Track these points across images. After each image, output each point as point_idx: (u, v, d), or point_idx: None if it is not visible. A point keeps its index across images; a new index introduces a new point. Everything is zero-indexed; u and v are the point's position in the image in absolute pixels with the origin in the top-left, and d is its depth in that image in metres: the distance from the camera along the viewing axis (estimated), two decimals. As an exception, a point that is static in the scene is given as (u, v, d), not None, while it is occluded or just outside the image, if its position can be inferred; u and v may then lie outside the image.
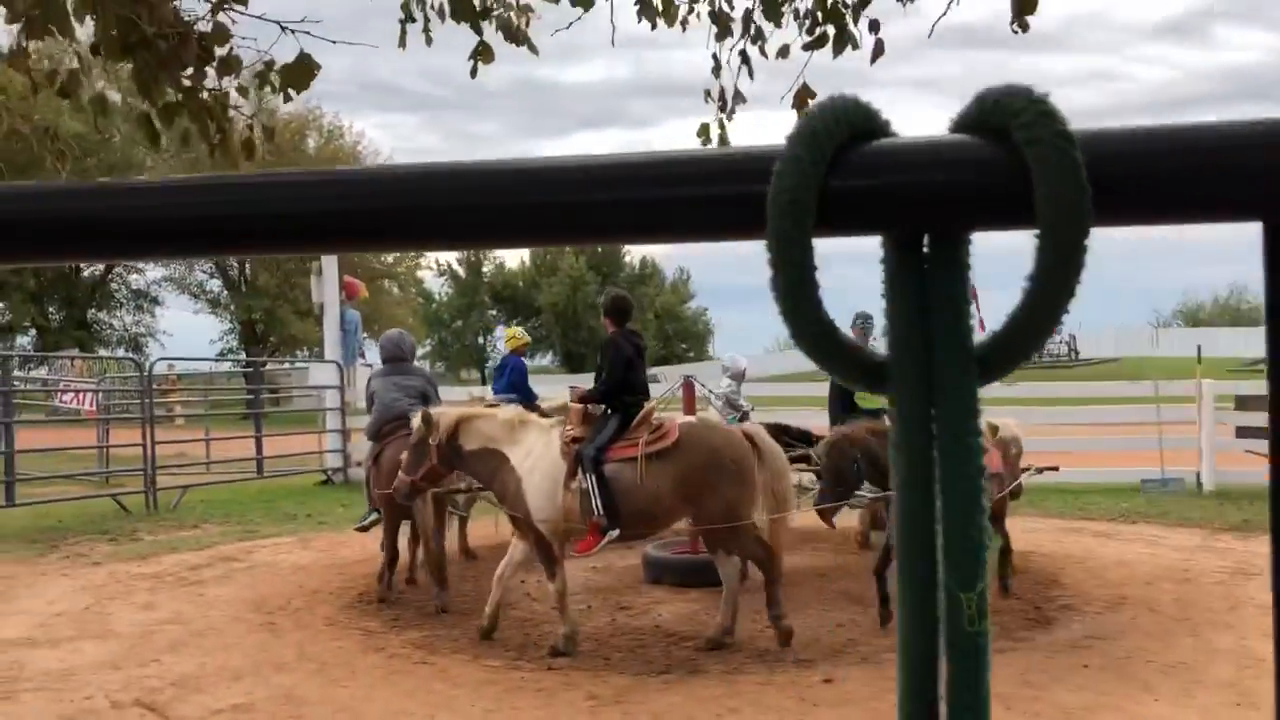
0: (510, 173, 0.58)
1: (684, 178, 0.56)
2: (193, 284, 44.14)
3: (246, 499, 13.90)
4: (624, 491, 6.38)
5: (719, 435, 6.68)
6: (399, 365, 8.66)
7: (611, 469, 6.43)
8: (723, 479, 6.38)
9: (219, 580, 8.72)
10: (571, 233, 0.60)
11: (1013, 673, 5.83)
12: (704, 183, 0.56)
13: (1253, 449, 13.05)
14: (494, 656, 6.40)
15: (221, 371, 34.87)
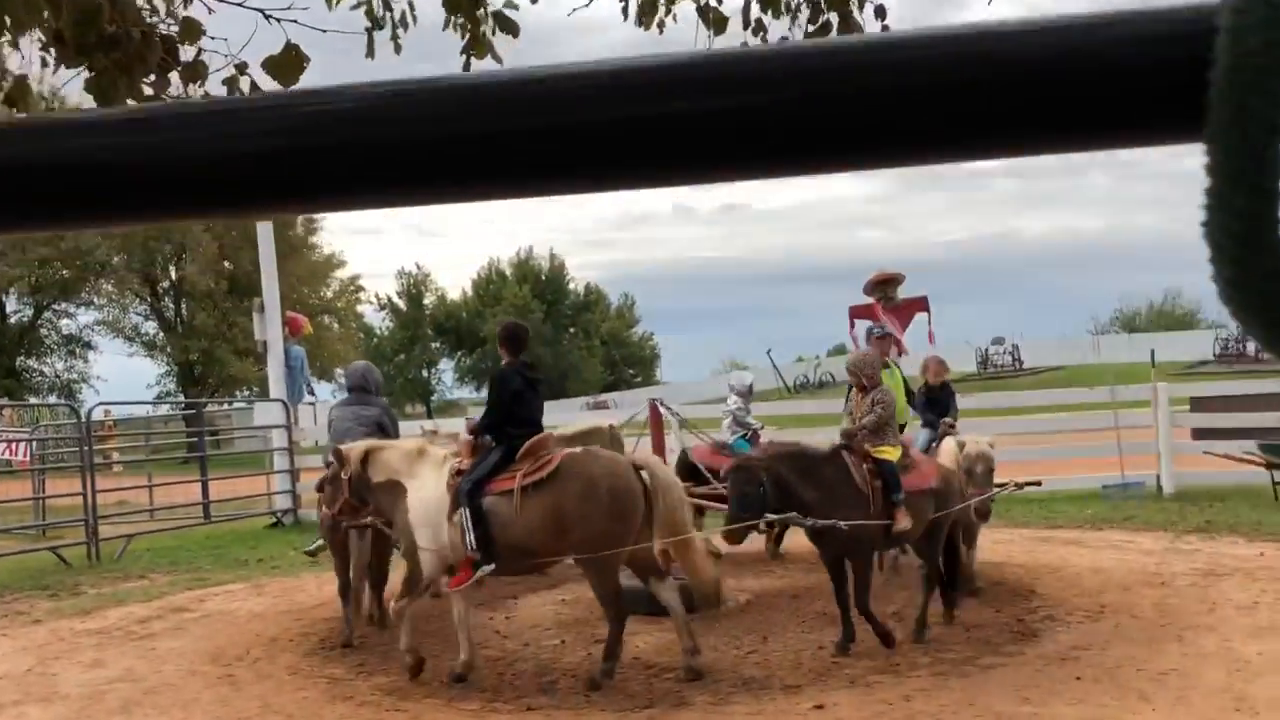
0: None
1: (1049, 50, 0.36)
2: (127, 327, 43.04)
3: (194, 546, 13.40)
4: (500, 525, 6.30)
5: (599, 465, 6.46)
6: (361, 396, 8.63)
7: (489, 502, 6.35)
8: (597, 510, 6.21)
9: (170, 632, 8.32)
10: (881, 152, 0.40)
11: (1007, 688, 5.70)
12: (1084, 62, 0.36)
13: (1211, 450, 13.17)
14: (468, 700, 6.12)
15: (160, 415, 33.97)
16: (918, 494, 6.76)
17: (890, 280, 14.40)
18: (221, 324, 40.26)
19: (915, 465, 6.96)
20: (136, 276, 41.05)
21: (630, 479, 6.37)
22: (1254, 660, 6.00)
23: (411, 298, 68.44)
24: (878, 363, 7.60)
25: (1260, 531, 10.24)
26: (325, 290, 47.43)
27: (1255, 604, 7.34)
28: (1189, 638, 6.56)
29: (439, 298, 69.38)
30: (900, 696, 5.68)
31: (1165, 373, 19.97)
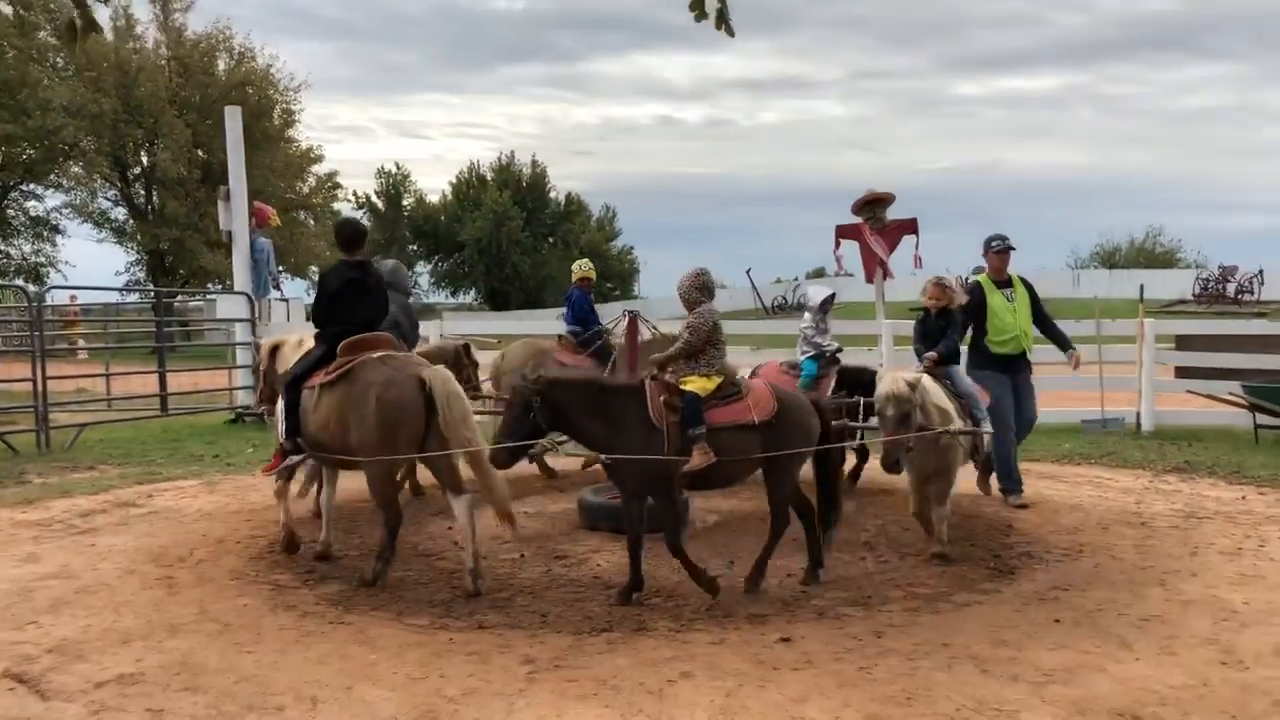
0: None
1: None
2: (95, 212, 41.96)
3: (149, 438, 13.02)
4: (304, 419, 6.59)
5: (379, 373, 6.35)
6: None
7: (303, 396, 6.60)
8: (367, 415, 6.23)
9: (114, 528, 7.96)
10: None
11: (984, 628, 5.44)
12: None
13: (1194, 390, 12.95)
14: (419, 614, 5.81)
15: (130, 304, 33.26)
16: (735, 429, 5.99)
17: (880, 200, 13.96)
18: (194, 213, 39.33)
19: (743, 396, 6.11)
20: (106, 160, 39.90)
21: (405, 390, 6.26)
22: (1240, 610, 5.76)
23: (390, 198, 67.34)
24: (696, 283, 6.36)
25: (1241, 474, 10.05)
26: (302, 185, 46.36)
27: (1239, 550, 7.11)
28: (1171, 582, 6.32)
29: (418, 199, 68.28)
30: (871, 632, 5.40)
31: (1145, 310, 19.75)
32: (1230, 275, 46.16)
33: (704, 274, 6.44)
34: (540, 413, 5.97)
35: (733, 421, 6.01)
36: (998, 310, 8.63)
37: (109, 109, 37.00)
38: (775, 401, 6.13)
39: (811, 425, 6.26)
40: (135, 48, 39.81)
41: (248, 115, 28.22)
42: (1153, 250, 67.89)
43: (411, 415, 6.24)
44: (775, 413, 6.07)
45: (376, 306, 6.98)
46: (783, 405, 6.14)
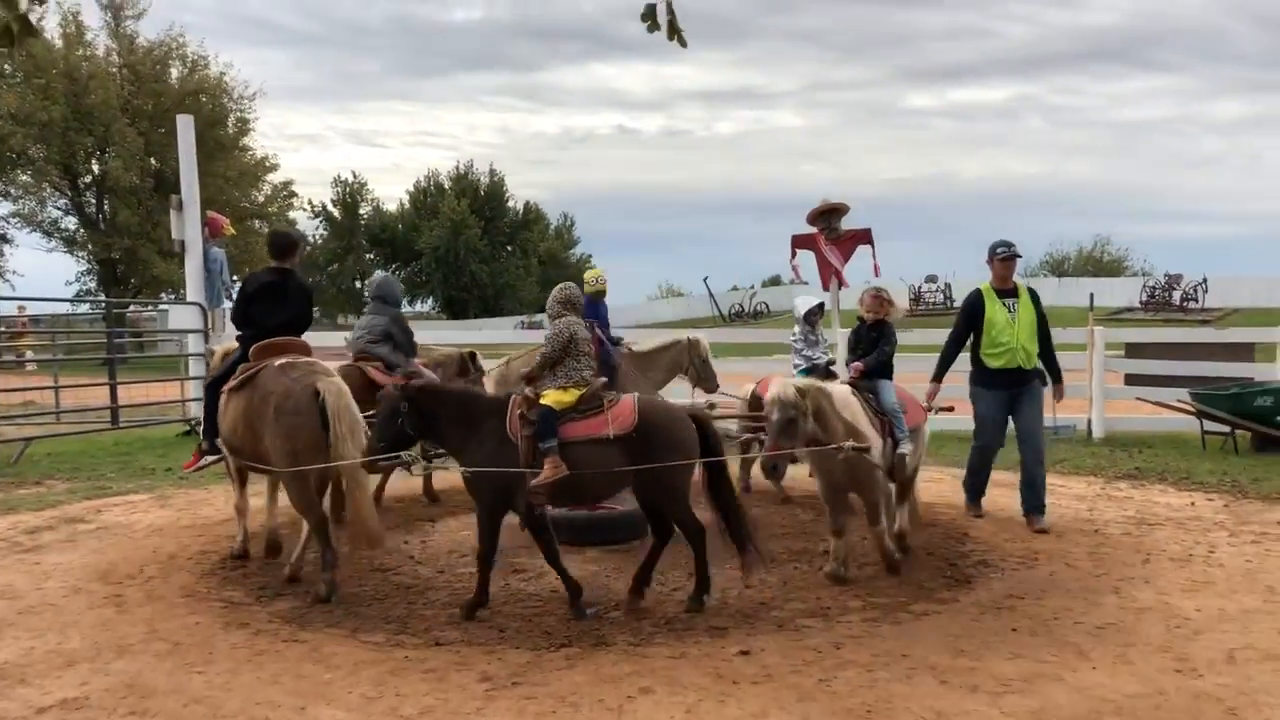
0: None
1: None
2: (45, 221, 41.23)
3: (99, 452, 12.78)
4: (220, 419, 6.87)
5: (282, 384, 6.46)
6: (377, 305, 9.15)
7: (221, 399, 6.85)
8: (266, 425, 6.43)
9: (60, 545, 7.78)
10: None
11: (942, 639, 5.45)
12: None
13: (1144, 397, 13.13)
14: (374, 631, 5.72)
15: (81, 314, 32.72)
16: (590, 442, 5.89)
17: (835, 210, 14.02)
18: (146, 222, 38.78)
19: (602, 410, 5.99)
20: (56, 169, 39.25)
21: (299, 401, 6.35)
22: (1193, 617, 5.82)
23: (346, 206, 66.87)
24: (560, 296, 6.41)
25: (1189, 481, 10.20)
26: (256, 194, 45.85)
27: (1189, 556, 7.21)
28: (1125, 590, 6.38)
29: (375, 208, 67.87)
30: (830, 644, 5.40)
31: (1094, 318, 20.02)
32: (1176, 284, 47.03)
33: (568, 288, 6.54)
34: (408, 419, 6.00)
35: (588, 435, 5.92)
36: (996, 321, 8.20)
37: (58, 117, 36.42)
38: (637, 415, 5.95)
39: (681, 439, 5.99)
40: (85, 55, 39.23)
41: (201, 123, 27.91)
42: (1101, 259, 69.08)
43: (308, 427, 6.30)
44: (635, 426, 5.91)
45: (292, 312, 7.14)
46: (646, 419, 5.96)
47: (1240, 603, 6.11)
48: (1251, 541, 7.66)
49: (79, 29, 39.25)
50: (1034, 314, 8.27)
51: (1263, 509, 8.87)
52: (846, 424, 6.49)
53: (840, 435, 6.40)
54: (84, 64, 38.52)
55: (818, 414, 6.36)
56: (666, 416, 6.12)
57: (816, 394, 6.42)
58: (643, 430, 5.90)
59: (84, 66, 38.34)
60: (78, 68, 38.00)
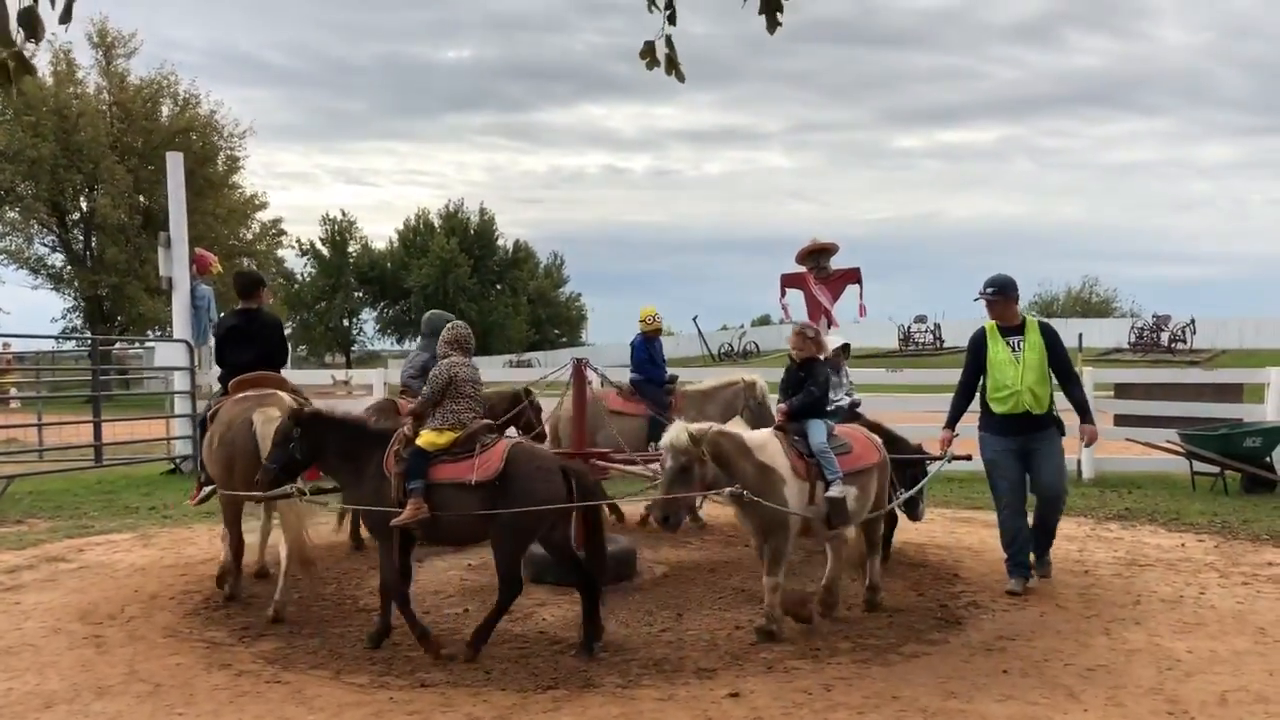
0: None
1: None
2: (32, 258, 41.15)
3: (83, 490, 12.67)
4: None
5: (229, 415, 7.07)
6: (426, 341, 9.19)
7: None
8: (217, 454, 7.00)
9: (41, 585, 7.68)
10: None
11: (932, 680, 5.40)
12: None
13: (1133, 438, 13.15)
14: (358, 672, 5.65)
15: (66, 351, 32.57)
16: (454, 486, 5.87)
17: (824, 250, 14.06)
18: (134, 260, 38.77)
19: (472, 455, 5.95)
20: (44, 205, 39.25)
21: (237, 429, 6.86)
22: (1184, 659, 5.79)
23: (335, 244, 66.89)
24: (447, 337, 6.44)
25: (1179, 522, 10.19)
26: (245, 232, 45.93)
27: (1180, 598, 7.18)
28: (1116, 631, 6.34)
29: (363, 246, 67.90)
30: (820, 685, 5.35)
31: (1084, 359, 20.11)
32: (1164, 325, 47.29)
33: (457, 328, 6.58)
34: (298, 445, 6.15)
35: (451, 479, 5.90)
36: (997, 362, 7.44)
37: (47, 154, 36.51)
38: (503, 463, 5.88)
39: (540, 491, 5.87)
40: (76, 92, 39.38)
41: (191, 161, 27.96)
42: (1089, 299, 69.48)
43: (243, 455, 6.77)
44: (498, 474, 5.85)
45: (260, 348, 7.68)
46: (511, 468, 5.88)
47: (1231, 644, 6.08)
48: (1242, 583, 7.63)
49: (70, 66, 39.44)
50: (1043, 353, 7.41)
51: (1253, 550, 8.86)
52: (759, 466, 6.20)
53: (750, 479, 6.12)
54: (74, 101, 38.67)
55: (718, 458, 6.08)
56: (531, 467, 5.97)
57: (716, 438, 6.13)
58: (505, 479, 5.86)
59: (74, 104, 38.49)
60: (68, 105, 38.14)
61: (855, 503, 6.53)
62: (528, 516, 5.83)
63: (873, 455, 6.83)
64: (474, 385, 6.26)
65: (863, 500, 6.64)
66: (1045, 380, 7.43)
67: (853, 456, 6.64)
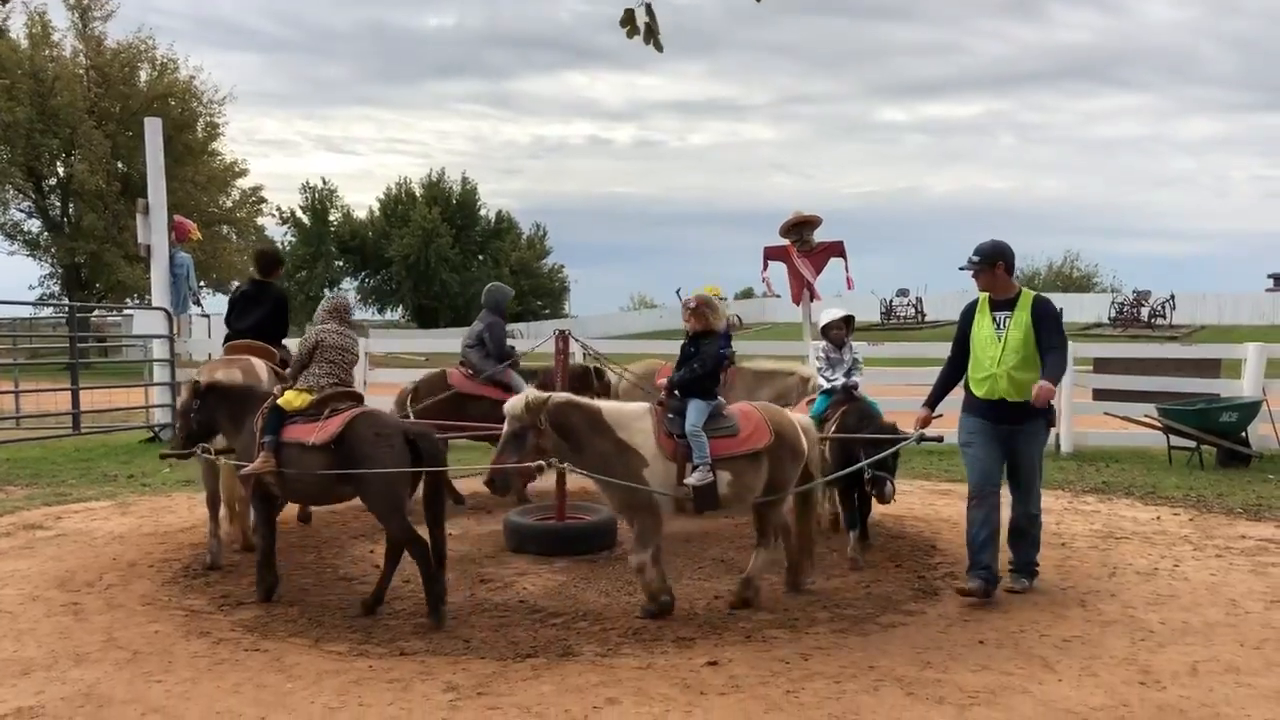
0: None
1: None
2: (7, 224, 40.73)
3: (60, 458, 12.60)
4: None
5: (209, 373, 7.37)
6: (483, 312, 9.86)
7: None
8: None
9: (17, 552, 7.65)
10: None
11: (908, 650, 5.45)
12: None
13: (1111, 412, 13.24)
14: (337, 640, 5.65)
15: (44, 318, 32.31)
16: (297, 446, 6.09)
17: (807, 223, 14.07)
18: (112, 226, 38.40)
19: (319, 418, 6.15)
20: (19, 171, 38.78)
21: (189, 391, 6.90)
22: (1157, 630, 5.85)
23: (316, 213, 66.37)
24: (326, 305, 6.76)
25: (1155, 495, 10.28)
26: (225, 199, 45.51)
27: (1155, 570, 7.25)
28: (1091, 603, 6.41)
29: (345, 214, 67.45)
30: (798, 654, 5.38)
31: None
32: (1144, 300, 47.59)
33: (336, 298, 7.01)
34: (197, 415, 6.64)
35: (296, 439, 6.15)
36: (979, 339, 6.65)
37: (23, 118, 36.02)
38: (341, 428, 6.02)
39: (377, 455, 5.95)
40: (52, 55, 38.81)
41: (170, 127, 27.68)
42: (1070, 274, 69.75)
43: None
44: (333, 439, 6.00)
45: (257, 317, 8.43)
46: (348, 433, 6.02)
47: (1204, 616, 6.15)
48: (1215, 556, 7.72)
49: (45, 29, 38.87)
50: (1029, 334, 6.48)
51: (1227, 523, 8.95)
52: (615, 443, 6.04)
53: (601, 455, 6.00)
54: (50, 65, 38.13)
55: (561, 429, 5.96)
56: (370, 434, 6.04)
57: (561, 408, 6.00)
58: (340, 442, 6.02)
59: (50, 67, 37.94)
60: (44, 68, 37.61)
61: (731, 488, 6.14)
62: (384, 478, 5.96)
63: (763, 438, 6.27)
64: (338, 352, 6.51)
65: (744, 485, 6.21)
66: (1031, 365, 6.45)
67: (738, 439, 6.21)
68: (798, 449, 6.45)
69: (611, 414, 6.18)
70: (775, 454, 6.30)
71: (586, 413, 6.10)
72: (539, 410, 5.91)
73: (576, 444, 6.00)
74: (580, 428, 6.02)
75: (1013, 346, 6.48)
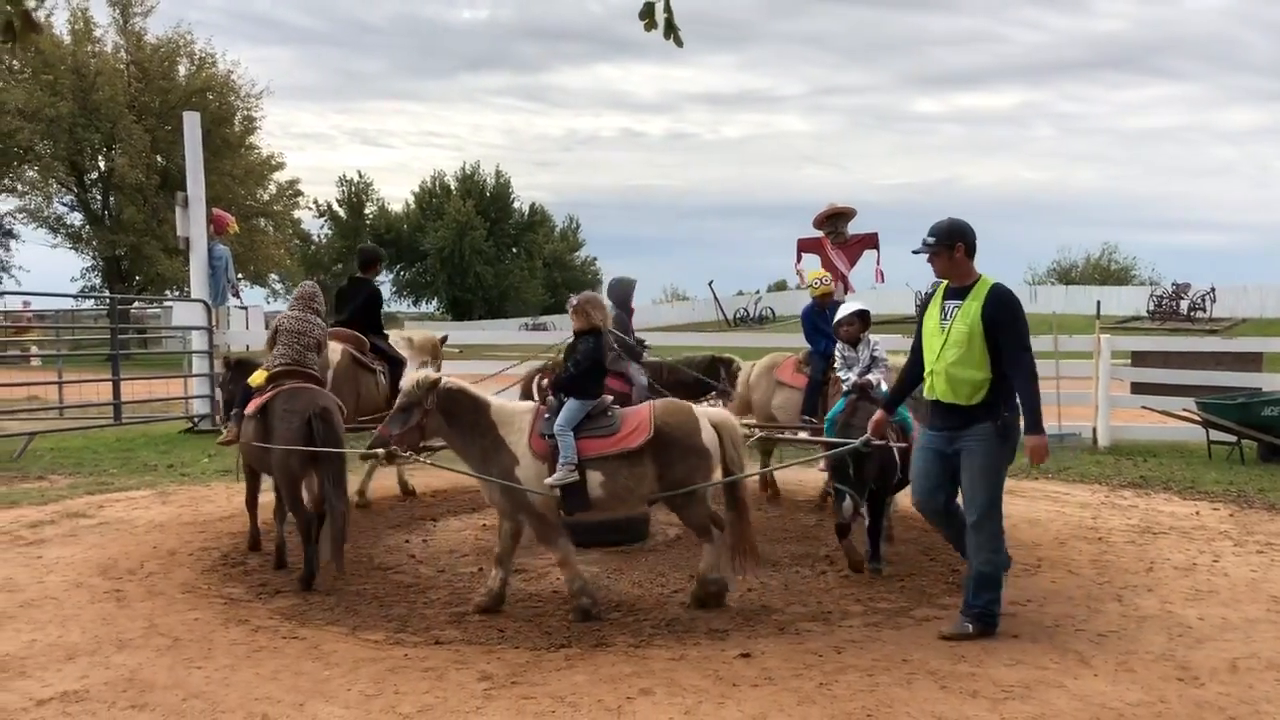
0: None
1: None
2: (51, 217, 41.27)
3: (102, 448, 12.79)
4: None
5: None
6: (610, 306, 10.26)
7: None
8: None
9: (62, 540, 7.79)
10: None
11: (942, 644, 5.43)
12: None
13: (1149, 405, 13.10)
14: (374, 629, 5.72)
15: (86, 310, 32.78)
16: (246, 418, 7.00)
17: (841, 214, 13.98)
18: (151, 219, 38.82)
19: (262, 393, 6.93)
20: (62, 165, 39.30)
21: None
22: (1195, 625, 5.80)
23: (352, 206, 66.89)
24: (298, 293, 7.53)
25: (1194, 490, 10.16)
26: (262, 192, 45.87)
27: (1193, 565, 7.18)
28: (1128, 598, 6.35)
29: (380, 208, 67.90)
30: (831, 648, 5.38)
31: (1101, 326, 20.06)
32: (1183, 292, 46.96)
33: (303, 286, 7.71)
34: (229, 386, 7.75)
35: (250, 411, 6.92)
36: (926, 331, 5.85)
37: (66, 113, 36.48)
38: (261, 403, 6.80)
39: (279, 430, 6.62)
40: (94, 51, 39.28)
41: (208, 121, 27.92)
42: (1108, 267, 68.94)
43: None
44: (255, 412, 6.81)
45: (352, 310, 9.44)
46: (266, 406, 6.77)
47: (1244, 612, 6.08)
48: (1257, 551, 7.63)
49: (87, 25, 39.32)
50: (977, 325, 5.57)
51: (1268, 519, 8.84)
52: (494, 439, 6.05)
53: (480, 448, 6.06)
54: (92, 60, 38.58)
55: (447, 414, 6.04)
56: (279, 410, 6.69)
57: (450, 393, 6.05)
58: (260, 415, 6.77)
59: (92, 63, 38.40)
60: (86, 64, 38.07)
61: (604, 489, 5.99)
62: (279, 453, 6.57)
63: (639, 437, 5.99)
64: (293, 335, 7.11)
65: (620, 485, 6.02)
66: (976, 363, 5.57)
67: (612, 439, 6.02)
68: (692, 446, 6.07)
69: (497, 410, 6.17)
70: (660, 452, 6.00)
71: (473, 404, 6.13)
72: (428, 391, 6.02)
73: (460, 432, 6.10)
74: (464, 417, 6.08)
75: (954, 340, 5.61)
